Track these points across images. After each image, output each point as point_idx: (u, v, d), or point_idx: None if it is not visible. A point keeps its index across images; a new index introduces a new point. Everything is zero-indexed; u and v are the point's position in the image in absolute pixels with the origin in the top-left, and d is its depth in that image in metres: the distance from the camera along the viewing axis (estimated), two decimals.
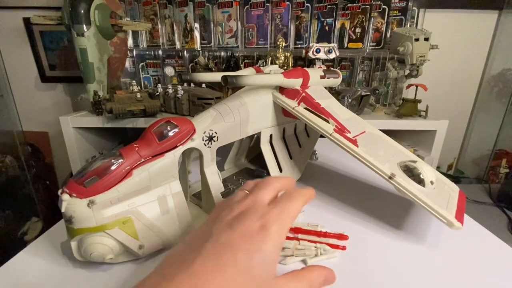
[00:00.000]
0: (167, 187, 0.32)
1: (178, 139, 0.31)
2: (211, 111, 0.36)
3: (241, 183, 0.47)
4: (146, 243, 0.30)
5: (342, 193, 0.47)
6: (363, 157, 0.34)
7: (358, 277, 0.30)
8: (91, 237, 0.27)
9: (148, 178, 0.29)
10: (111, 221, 0.28)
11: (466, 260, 0.33)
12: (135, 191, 0.29)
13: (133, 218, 0.29)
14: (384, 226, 0.38)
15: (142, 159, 0.29)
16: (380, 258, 0.33)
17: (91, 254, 0.28)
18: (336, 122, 0.37)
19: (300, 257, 0.32)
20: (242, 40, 1.22)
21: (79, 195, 0.26)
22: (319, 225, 0.38)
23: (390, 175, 0.33)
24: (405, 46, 0.98)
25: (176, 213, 0.32)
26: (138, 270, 0.31)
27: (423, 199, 0.32)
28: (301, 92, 0.40)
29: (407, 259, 0.33)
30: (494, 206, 1.03)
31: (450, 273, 0.31)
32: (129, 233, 0.29)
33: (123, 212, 0.28)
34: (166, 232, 0.31)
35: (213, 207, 0.37)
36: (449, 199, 0.33)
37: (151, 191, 0.30)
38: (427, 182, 0.33)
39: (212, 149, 0.35)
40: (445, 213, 0.30)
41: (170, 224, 0.32)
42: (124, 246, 0.29)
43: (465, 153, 1.44)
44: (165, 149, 0.30)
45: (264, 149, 0.43)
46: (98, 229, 0.27)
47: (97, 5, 0.91)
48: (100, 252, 0.28)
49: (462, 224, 0.30)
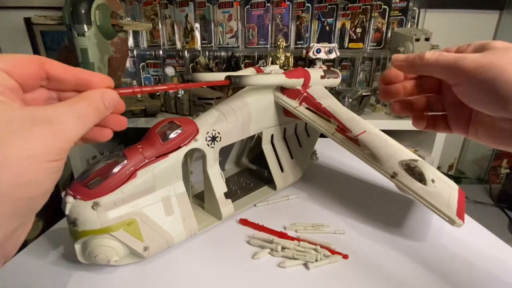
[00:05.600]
0: (171, 188, 0.32)
1: (181, 139, 0.31)
2: (214, 112, 0.36)
3: (243, 183, 0.47)
4: (151, 245, 0.30)
5: (344, 192, 0.47)
6: (365, 156, 0.35)
7: (360, 279, 0.30)
8: (96, 239, 0.27)
9: (153, 179, 0.29)
10: (116, 223, 0.28)
11: (467, 260, 0.33)
12: (140, 192, 0.29)
13: (138, 220, 0.29)
14: (385, 226, 0.38)
15: (146, 160, 0.29)
16: (381, 258, 0.33)
17: (96, 257, 0.27)
18: (338, 122, 0.37)
19: (300, 261, 0.32)
20: (242, 40, 1.22)
21: (83, 197, 0.26)
22: (323, 225, 0.38)
23: (392, 173, 0.33)
24: (406, 46, 0.98)
25: (180, 214, 0.32)
26: (143, 271, 0.31)
27: (425, 197, 0.32)
28: (302, 92, 0.40)
29: (407, 259, 0.33)
30: (495, 206, 1.03)
31: (450, 273, 0.31)
32: (134, 235, 0.29)
33: (128, 213, 0.28)
34: (171, 233, 0.32)
35: (216, 208, 0.37)
36: (450, 197, 0.33)
37: (155, 192, 0.30)
38: (429, 181, 0.33)
39: (215, 150, 0.35)
40: (447, 211, 0.30)
41: (174, 225, 0.32)
42: (129, 248, 0.29)
43: (466, 153, 1.44)
44: (169, 149, 0.30)
45: (265, 149, 0.43)
46: (103, 231, 0.27)
47: (98, 5, 0.91)
48: (105, 255, 0.28)
49: (463, 222, 0.30)
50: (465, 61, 0.20)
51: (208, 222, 0.37)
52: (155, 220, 0.30)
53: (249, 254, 0.33)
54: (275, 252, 0.33)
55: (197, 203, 0.41)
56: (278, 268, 0.31)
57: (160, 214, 0.31)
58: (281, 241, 0.33)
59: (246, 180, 0.48)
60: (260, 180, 0.48)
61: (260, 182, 0.47)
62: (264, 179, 0.47)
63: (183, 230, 0.33)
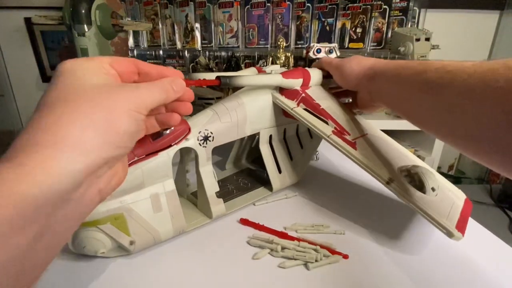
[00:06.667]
0: (160, 185, 0.32)
1: (172, 138, 0.32)
2: (208, 111, 0.36)
3: (240, 183, 0.47)
4: (138, 240, 0.31)
5: (344, 192, 0.47)
6: (360, 160, 0.34)
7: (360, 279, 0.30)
8: (84, 231, 0.29)
9: (141, 176, 0.30)
10: (103, 217, 0.29)
11: (467, 260, 0.33)
12: (128, 189, 0.30)
13: (125, 215, 0.30)
14: (385, 226, 0.38)
15: (136, 157, 0.30)
16: (381, 258, 0.33)
17: (84, 248, 0.29)
18: (336, 124, 0.37)
19: (300, 261, 0.32)
20: (242, 40, 1.22)
21: None
22: (324, 225, 0.38)
23: (388, 180, 0.32)
24: (406, 46, 0.98)
25: (168, 211, 0.33)
26: (130, 265, 0.32)
27: (421, 206, 0.30)
28: (300, 93, 0.40)
29: (407, 259, 0.33)
30: (495, 206, 1.03)
31: (450, 273, 0.31)
32: (120, 229, 0.30)
33: (116, 208, 0.29)
34: (158, 230, 0.32)
35: (208, 206, 0.37)
36: (452, 207, 0.32)
37: (144, 189, 0.31)
38: (428, 189, 0.32)
39: (208, 149, 0.35)
40: (445, 222, 0.29)
41: (162, 222, 0.32)
42: (115, 241, 0.30)
43: None
44: (159, 148, 0.31)
45: (262, 149, 0.43)
46: (91, 224, 0.28)
47: (98, 5, 0.91)
48: (93, 246, 0.29)
49: (463, 235, 0.29)
50: (333, 61, 0.41)
51: (197, 221, 0.37)
52: (143, 216, 0.31)
53: (249, 254, 0.33)
54: (275, 252, 0.33)
55: (192, 201, 0.41)
56: (278, 268, 0.31)
57: (148, 211, 0.31)
58: (281, 241, 0.34)
59: (244, 180, 0.48)
60: (259, 180, 0.47)
61: (258, 182, 0.47)
62: (263, 180, 0.47)
63: (171, 227, 0.33)
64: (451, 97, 0.23)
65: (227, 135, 0.37)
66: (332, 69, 0.41)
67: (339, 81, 0.40)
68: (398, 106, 0.32)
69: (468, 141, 0.23)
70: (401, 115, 0.31)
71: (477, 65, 0.22)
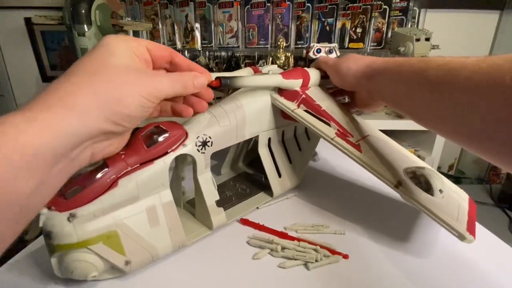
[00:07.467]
0: (156, 197, 0.30)
1: (168, 144, 0.29)
2: (205, 114, 0.34)
3: (238, 189, 0.45)
4: (134, 259, 0.28)
5: (344, 192, 0.47)
6: (367, 163, 0.32)
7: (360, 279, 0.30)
8: (72, 254, 0.25)
9: (136, 187, 0.27)
10: (94, 236, 0.26)
11: (466, 260, 0.33)
12: (121, 202, 0.27)
13: (119, 232, 0.27)
14: (385, 226, 0.38)
15: (129, 167, 0.27)
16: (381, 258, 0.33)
17: (72, 272, 0.26)
18: (338, 126, 0.36)
19: (300, 261, 0.32)
20: (242, 40, 1.22)
21: (58, 208, 0.24)
22: (324, 225, 0.38)
23: (397, 183, 0.31)
24: (406, 46, 0.98)
25: (166, 225, 0.30)
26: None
27: (432, 209, 0.29)
28: (301, 94, 0.39)
29: (407, 259, 0.33)
30: (495, 206, 1.03)
31: (449, 272, 0.31)
32: (114, 248, 0.27)
33: (108, 225, 0.26)
34: (156, 246, 0.30)
35: (207, 216, 0.35)
36: (459, 209, 0.31)
37: (139, 202, 0.28)
38: (436, 191, 0.30)
39: (206, 155, 0.33)
40: (456, 225, 0.28)
41: (160, 237, 0.30)
42: (109, 262, 0.27)
43: (466, 153, 1.44)
44: (154, 155, 0.29)
45: (262, 153, 0.41)
46: (80, 245, 0.25)
47: (98, 5, 0.91)
48: (83, 270, 0.26)
49: (474, 237, 0.28)
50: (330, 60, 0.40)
51: (197, 233, 0.35)
52: (138, 232, 0.28)
53: (249, 254, 0.33)
54: (275, 252, 0.33)
55: (189, 210, 0.39)
56: (278, 268, 0.31)
57: (144, 226, 0.29)
58: (281, 241, 0.34)
59: (242, 186, 0.46)
60: (257, 185, 0.46)
61: (257, 187, 0.45)
62: (261, 184, 0.46)
63: (169, 243, 0.31)
64: (455, 94, 0.23)
65: (226, 139, 0.35)
66: (329, 68, 0.40)
67: (336, 81, 0.39)
68: (400, 105, 0.31)
69: (473, 138, 0.23)
70: (404, 114, 0.31)
71: (480, 61, 0.22)
